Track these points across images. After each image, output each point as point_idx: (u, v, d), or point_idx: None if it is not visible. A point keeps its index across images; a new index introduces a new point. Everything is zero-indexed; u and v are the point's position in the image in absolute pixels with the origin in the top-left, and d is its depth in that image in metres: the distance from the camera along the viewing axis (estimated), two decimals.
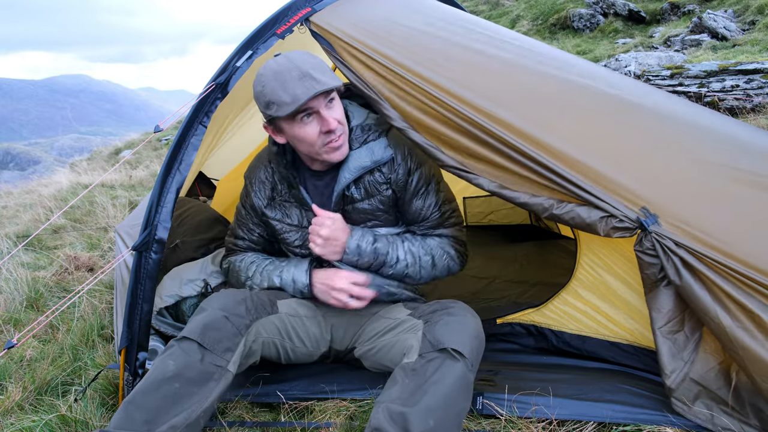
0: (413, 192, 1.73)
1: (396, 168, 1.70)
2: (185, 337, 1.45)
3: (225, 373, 1.45)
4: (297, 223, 1.77)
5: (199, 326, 1.47)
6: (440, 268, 1.76)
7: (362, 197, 1.71)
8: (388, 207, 1.75)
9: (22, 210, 5.84)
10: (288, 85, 1.48)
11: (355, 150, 1.67)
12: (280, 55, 1.57)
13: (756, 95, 4.41)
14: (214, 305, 1.55)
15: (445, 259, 1.76)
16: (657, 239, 1.35)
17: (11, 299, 2.84)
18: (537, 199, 1.49)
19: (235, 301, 1.58)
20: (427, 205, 1.74)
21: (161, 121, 1.67)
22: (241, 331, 1.53)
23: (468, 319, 1.50)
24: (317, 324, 1.77)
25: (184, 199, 2.59)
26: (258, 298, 1.67)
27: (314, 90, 1.46)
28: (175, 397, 1.34)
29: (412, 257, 1.72)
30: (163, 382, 1.35)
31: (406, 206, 1.75)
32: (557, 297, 1.85)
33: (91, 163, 11.55)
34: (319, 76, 1.49)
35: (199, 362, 1.41)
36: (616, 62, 6.98)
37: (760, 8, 8.13)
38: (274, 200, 1.81)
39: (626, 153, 1.51)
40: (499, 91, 1.59)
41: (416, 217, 1.76)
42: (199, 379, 1.40)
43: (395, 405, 1.27)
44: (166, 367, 1.38)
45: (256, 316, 1.60)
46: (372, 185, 1.70)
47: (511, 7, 14.13)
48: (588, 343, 1.78)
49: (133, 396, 1.34)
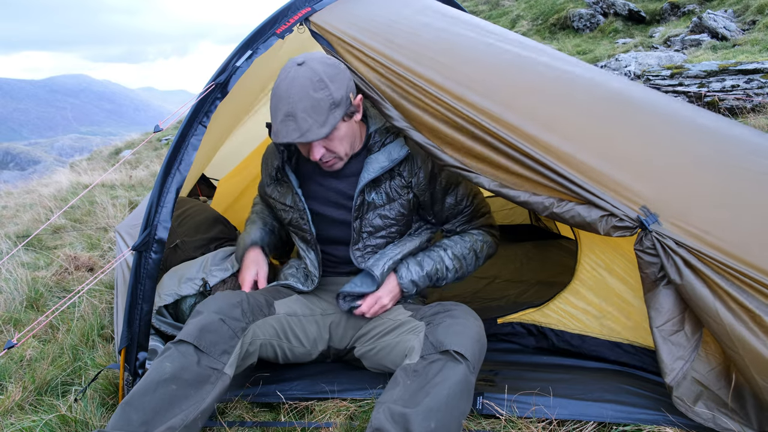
0: (444, 189, 1.77)
1: (416, 171, 1.73)
2: (182, 340, 1.46)
3: (221, 375, 1.45)
4: (291, 205, 1.83)
5: (196, 329, 1.47)
6: (483, 257, 1.86)
7: (383, 203, 1.73)
8: (409, 212, 1.77)
9: (22, 210, 5.84)
10: (276, 117, 1.54)
11: (374, 154, 1.71)
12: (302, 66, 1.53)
13: (756, 95, 4.41)
14: (211, 308, 1.55)
15: (485, 248, 1.85)
16: (657, 238, 1.35)
17: (11, 299, 2.84)
18: (537, 197, 1.49)
19: (231, 304, 1.59)
20: (459, 199, 1.80)
21: (161, 121, 1.67)
22: (238, 334, 1.53)
23: (470, 322, 1.51)
24: (315, 323, 1.78)
25: (184, 199, 2.59)
26: (254, 299, 1.67)
27: (287, 139, 1.51)
28: (172, 398, 1.35)
29: (459, 261, 1.78)
30: (160, 384, 1.36)
31: (438, 205, 1.79)
32: (559, 296, 1.85)
33: (91, 163, 11.54)
34: (304, 123, 1.50)
35: (196, 365, 1.42)
36: (616, 62, 6.99)
37: (760, 8, 8.14)
38: (277, 180, 1.89)
39: (626, 152, 1.51)
40: (499, 91, 1.59)
41: (451, 213, 1.81)
42: (195, 382, 1.40)
43: (397, 406, 1.27)
44: (162, 369, 1.39)
45: (252, 318, 1.61)
46: (393, 190, 1.73)
47: (511, 7, 14.14)
48: (589, 343, 1.78)
49: (130, 397, 1.34)
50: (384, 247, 1.77)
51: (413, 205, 1.76)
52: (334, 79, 1.54)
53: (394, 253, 1.73)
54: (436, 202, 1.78)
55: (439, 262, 1.76)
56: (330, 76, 1.54)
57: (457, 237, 1.83)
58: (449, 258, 1.77)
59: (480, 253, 1.82)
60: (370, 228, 1.74)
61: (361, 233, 1.74)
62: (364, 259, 1.75)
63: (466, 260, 1.79)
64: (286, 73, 1.55)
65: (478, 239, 1.82)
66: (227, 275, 2.10)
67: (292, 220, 1.84)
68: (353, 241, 1.75)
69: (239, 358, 1.53)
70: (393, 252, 1.74)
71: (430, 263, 1.75)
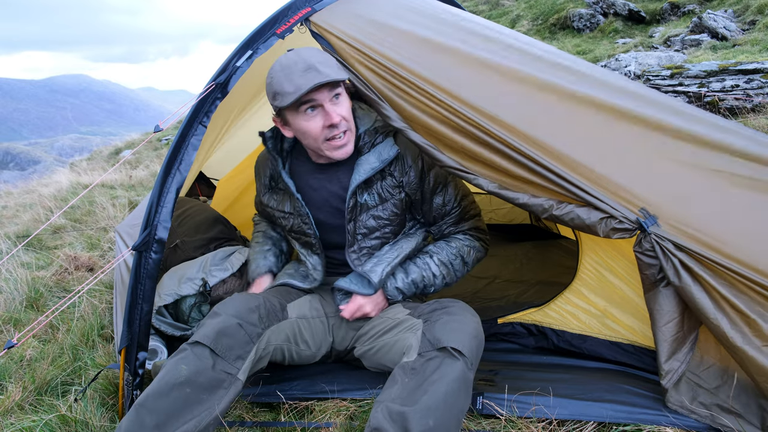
0: (432, 189, 1.76)
1: (407, 170, 1.72)
2: (198, 342, 1.44)
3: (234, 381, 1.45)
4: (291, 211, 1.82)
5: (213, 332, 1.46)
6: (471, 262, 1.83)
7: (376, 203, 1.73)
8: (402, 211, 1.77)
9: (22, 210, 5.84)
10: (293, 77, 1.53)
11: (364, 155, 1.71)
12: (292, 50, 1.61)
13: (756, 95, 4.41)
14: (229, 311, 1.54)
15: (473, 253, 1.82)
16: (656, 240, 1.35)
17: (11, 299, 2.84)
18: (537, 200, 1.49)
19: (249, 308, 1.58)
20: (447, 200, 1.78)
21: (161, 121, 1.67)
22: (253, 340, 1.53)
23: (467, 318, 1.50)
24: (322, 324, 1.78)
25: (184, 199, 2.59)
26: (270, 303, 1.67)
27: (316, 80, 1.50)
28: (186, 402, 1.34)
29: (446, 267, 1.77)
30: (175, 387, 1.35)
31: (427, 205, 1.78)
32: (560, 296, 1.85)
33: (91, 163, 11.55)
34: (324, 69, 1.53)
35: (211, 369, 1.41)
36: (616, 62, 6.99)
37: (760, 8, 8.14)
38: (272, 189, 1.89)
39: (626, 155, 1.51)
40: (498, 92, 1.59)
41: (438, 214, 1.80)
42: (209, 386, 1.39)
43: (395, 404, 1.27)
44: (178, 371, 1.38)
45: (268, 324, 1.61)
46: (385, 190, 1.72)
47: (511, 7, 14.14)
48: (589, 343, 1.78)
49: (145, 399, 1.33)
50: (380, 248, 1.76)
51: (406, 205, 1.76)
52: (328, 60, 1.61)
53: (391, 257, 1.73)
54: (425, 201, 1.78)
55: (426, 269, 1.75)
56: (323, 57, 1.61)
57: (443, 243, 1.81)
58: (435, 264, 1.76)
59: (467, 258, 1.80)
60: (364, 230, 1.74)
61: (355, 235, 1.74)
62: (361, 262, 1.75)
63: (453, 266, 1.78)
64: (284, 56, 1.60)
65: (465, 244, 1.80)
66: (227, 275, 2.10)
67: (293, 226, 1.83)
68: (348, 243, 1.75)
69: (253, 363, 1.53)
70: (391, 256, 1.73)
71: (416, 271, 1.75)
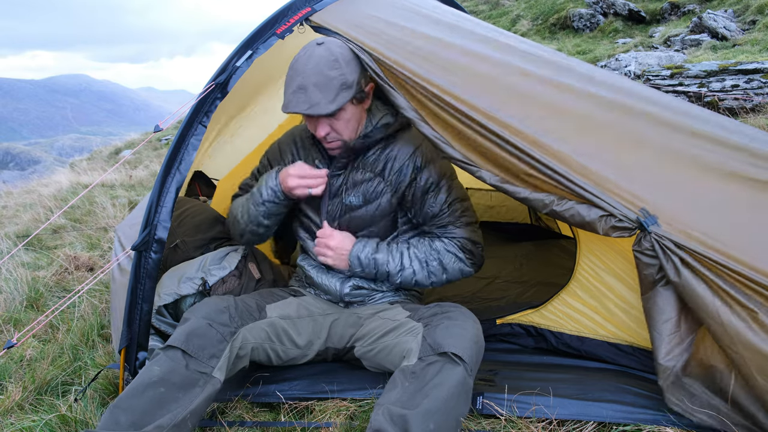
0: (424, 189, 1.74)
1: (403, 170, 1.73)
2: (170, 346, 1.47)
3: (210, 379, 1.46)
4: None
5: (183, 334, 1.49)
6: (451, 272, 1.75)
7: (360, 204, 1.74)
8: (387, 213, 1.77)
9: (22, 210, 5.84)
10: (288, 89, 1.59)
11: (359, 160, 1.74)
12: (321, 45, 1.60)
13: (756, 95, 4.41)
14: (198, 314, 1.56)
15: (455, 262, 1.74)
16: (657, 240, 1.35)
17: (11, 299, 2.84)
18: (538, 194, 1.49)
19: (218, 310, 1.59)
20: (437, 201, 1.74)
21: (161, 121, 1.67)
22: (226, 338, 1.54)
23: (468, 324, 1.51)
24: (312, 323, 1.78)
25: (184, 199, 2.58)
26: (244, 304, 1.68)
27: (296, 108, 1.57)
28: (160, 400, 1.35)
29: (419, 264, 1.73)
30: (148, 386, 1.36)
31: (417, 204, 1.77)
32: (557, 298, 1.85)
33: (91, 163, 11.55)
34: (314, 96, 1.55)
35: (184, 368, 1.43)
36: (616, 62, 6.99)
37: (760, 8, 8.14)
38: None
39: (626, 155, 1.51)
40: (500, 94, 1.59)
41: (427, 215, 1.77)
42: (183, 385, 1.41)
43: (396, 407, 1.28)
44: (151, 372, 1.40)
45: (241, 323, 1.61)
46: (370, 191, 1.73)
47: (511, 7, 14.14)
48: (587, 344, 1.78)
49: (119, 401, 1.35)
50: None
51: (392, 207, 1.77)
52: (350, 62, 1.61)
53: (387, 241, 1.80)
54: (415, 200, 1.76)
55: (397, 257, 1.73)
56: (346, 59, 1.60)
57: (427, 240, 1.77)
58: (408, 257, 1.73)
59: (448, 266, 1.73)
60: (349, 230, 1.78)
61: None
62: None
63: (428, 267, 1.73)
64: (305, 50, 1.61)
65: (449, 250, 1.73)
66: (226, 274, 2.10)
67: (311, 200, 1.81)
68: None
69: (229, 361, 1.53)
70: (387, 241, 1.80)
71: (385, 251, 1.74)
